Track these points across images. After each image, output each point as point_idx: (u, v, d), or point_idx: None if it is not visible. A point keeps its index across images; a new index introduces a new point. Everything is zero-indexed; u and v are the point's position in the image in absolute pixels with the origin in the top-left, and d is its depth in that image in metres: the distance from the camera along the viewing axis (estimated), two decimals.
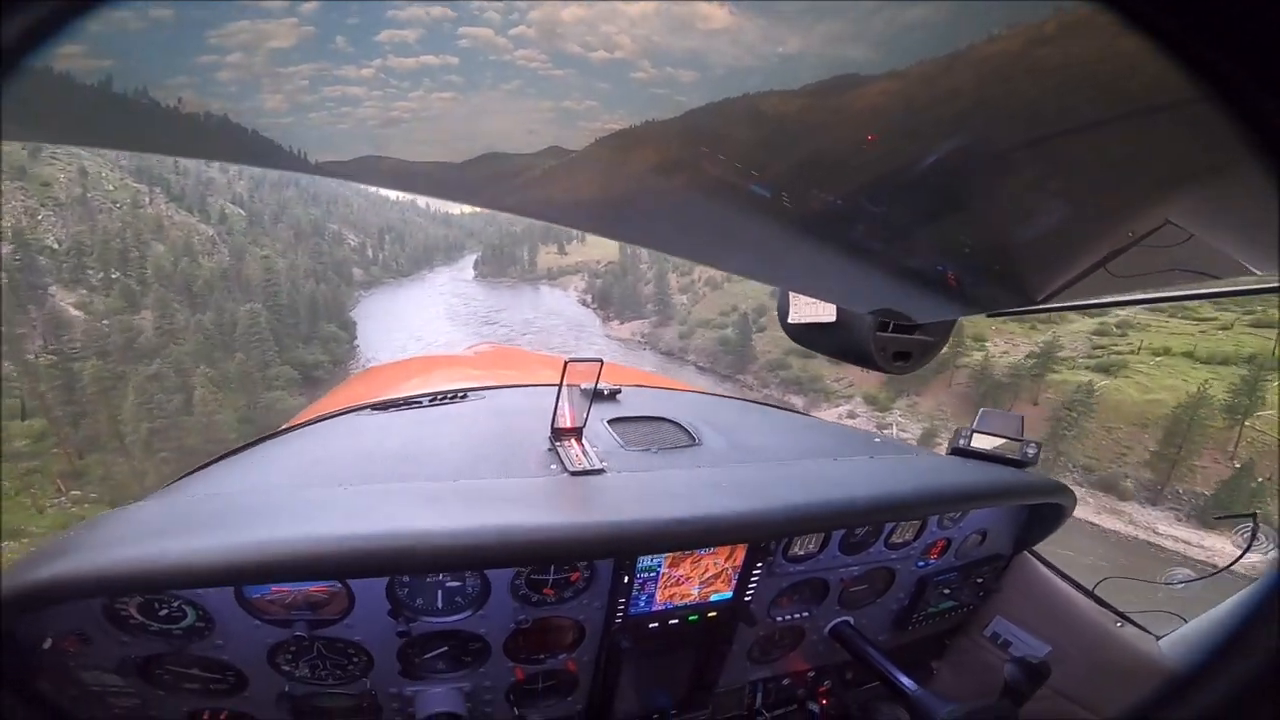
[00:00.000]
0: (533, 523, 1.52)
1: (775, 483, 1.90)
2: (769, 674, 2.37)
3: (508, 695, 1.92)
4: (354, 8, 0.72)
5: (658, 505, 1.67)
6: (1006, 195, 0.81)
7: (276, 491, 1.64)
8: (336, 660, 1.68)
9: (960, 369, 59.25)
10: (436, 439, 2.00)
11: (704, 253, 1.26)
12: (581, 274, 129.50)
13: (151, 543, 1.32)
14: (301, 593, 1.57)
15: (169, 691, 1.59)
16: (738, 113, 0.66)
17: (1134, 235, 0.82)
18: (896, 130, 0.67)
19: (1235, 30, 0.39)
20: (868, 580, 2.32)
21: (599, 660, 1.95)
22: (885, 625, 2.48)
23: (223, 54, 0.80)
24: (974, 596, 2.53)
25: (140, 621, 1.50)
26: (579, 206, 0.85)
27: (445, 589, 1.71)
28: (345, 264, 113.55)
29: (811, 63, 0.59)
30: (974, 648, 2.60)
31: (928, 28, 0.52)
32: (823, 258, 1.06)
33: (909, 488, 1.98)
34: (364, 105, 0.84)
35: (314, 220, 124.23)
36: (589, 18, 0.64)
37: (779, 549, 2.01)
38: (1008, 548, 2.50)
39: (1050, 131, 0.64)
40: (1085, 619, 2.28)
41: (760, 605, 2.10)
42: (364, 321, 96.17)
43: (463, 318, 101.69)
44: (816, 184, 0.78)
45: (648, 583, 1.86)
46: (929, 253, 1.02)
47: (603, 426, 2.13)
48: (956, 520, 2.31)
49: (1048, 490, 2.22)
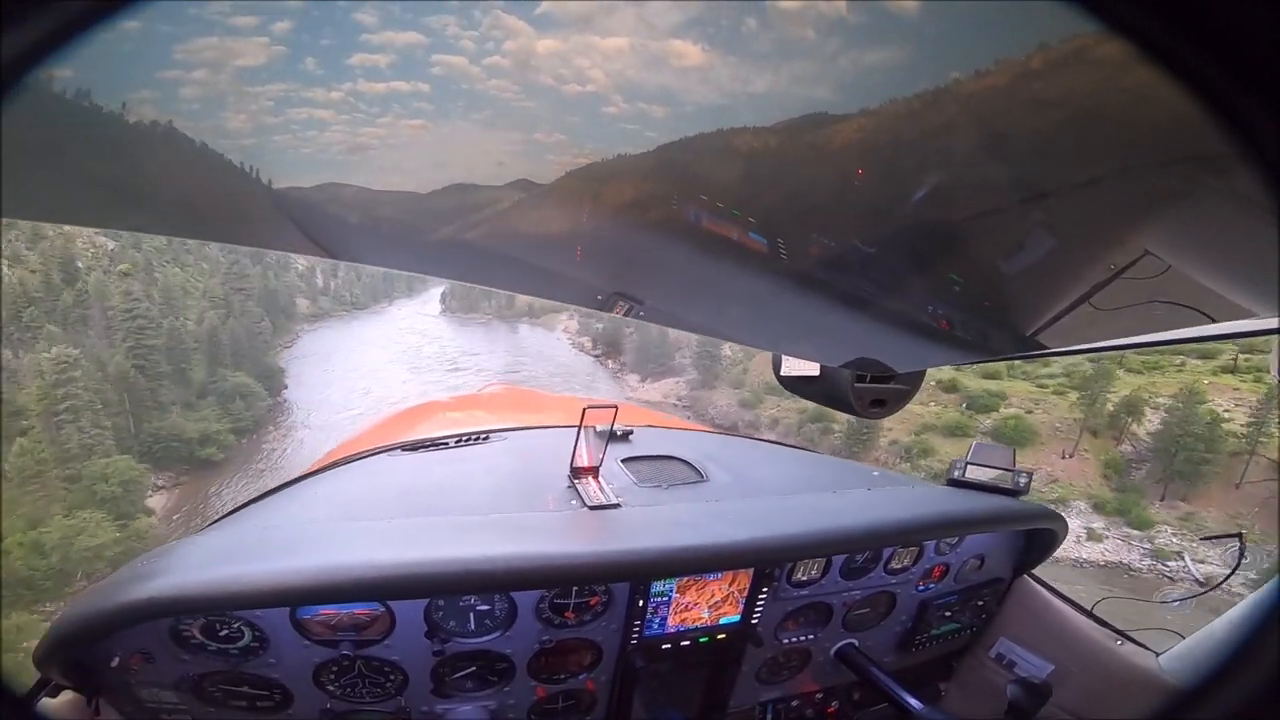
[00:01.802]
0: (558, 550, 1.70)
1: (778, 513, 2.07)
2: (779, 695, 2.46)
3: (529, 714, 2.04)
4: (328, 29, 0.71)
5: (669, 534, 1.83)
6: (987, 233, 0.82)
7: (330, 523, 1.86)
8: (375, 679, 1.81)
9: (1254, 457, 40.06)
10: (466, 477, 2.20)
11: (675, 312, 1.28)
12: (569, 313, 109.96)
13: (221, 568, 1.50)
14: (348, 614, 1.71)
15: (218, 708, 1.71)
16: (711, 148, 0.66)
17: (1114, 268, 0.82)
18: (876, 167, 0.68)
19: (1220, 31, 0.40)
20: (870, 604, 2.40)
21: (615, 680, 2.08)
22: (890, 647, 2.55)
23: (188, 69, 0.78)
24: (976, 619, 2.62)
25: (200, 641, 1.62)
26: (547, 242, 0.84)
27: (476, 612, 1.83)
28: (280, 294, 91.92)
29: (780, 101, 0.60)
30: (980, 668, 2.66)
31: (891, 70, 0.54)
32: (807, 314, 1.07)
33: (903, 515, 2.13)
34: (331, 129, 0.82)
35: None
36: (564, 50, 0.64)
37: (783, 575, 2.12)
38: (1007, 572, 2.59)
39: (1025, 162, 0.66)
40: (1086, 638, 2.35)
41: (767, 628, 2.20)
42: (300, 364, 76.60)
43: (427, 361, 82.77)
44: (796, 224, 0.79)
45: (660, 606, 1.98)
46: (908, 301, 1.04)
47: (617, 465, 2.30)
48: (954, 546, 2.41)
49: (1037, 516, 2.34)
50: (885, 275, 0.93)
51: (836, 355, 1.44)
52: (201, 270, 79.69)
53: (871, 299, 1.00)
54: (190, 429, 51.19)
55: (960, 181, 0.71)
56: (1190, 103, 0.43)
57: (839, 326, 1.17)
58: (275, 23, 0.72)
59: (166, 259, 76.73)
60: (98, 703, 1.60)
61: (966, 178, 0.71)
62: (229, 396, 56.91)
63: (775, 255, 0.85)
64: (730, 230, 0.80)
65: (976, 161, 0.67)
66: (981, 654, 2.64)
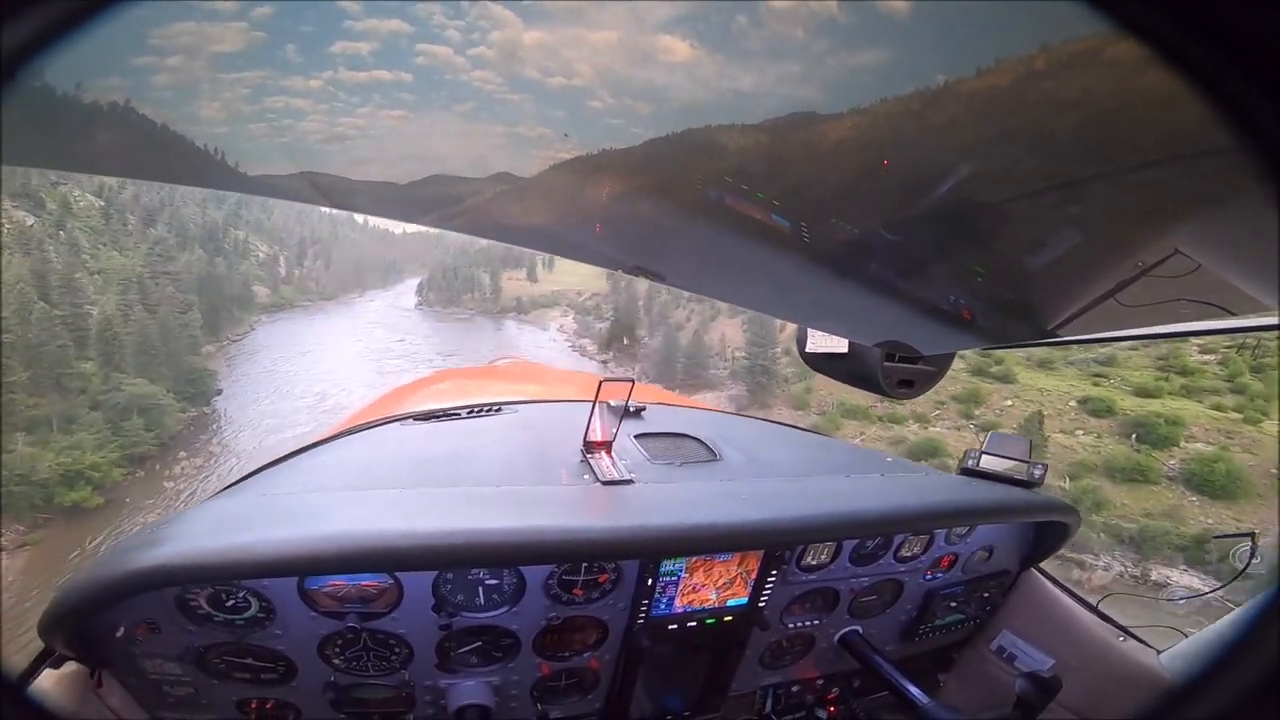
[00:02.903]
0: (570, 525, 1.68)
1: (790, 495, 2.06)
2: (780, 680, 2.45)
3: (532, 690, 2.03)
4: (310, 15, 0.70)
5: (682, 513, 1.82)
6: (1012, 225, 0.82)
7: (340, 491, 1.84)
8: (380, 652, 1.80)
9: None
10: (478, 448, 2.18)
11: (700, 282, 1.27)
12: (562, 307, 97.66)
13: (230, 535, 1.48)
14: (355, 586, 1.69)
15: (222, 680, 1.70)
16: (699, 143, 0.66)
17: (1142, 265, 0.82)
18: (904, 158, 0.68)
19: (1230, 32, 0.40)
20: (877, 591, 2.40)
21: (619, 659, 2.07)
22: (893, 636, 2.55)
23: (163, 56, 0.75)
24: (980, 610, 2.61)
25: (207, 611, 1.61)
26: (540, 227, 0.83)
27: (485, 586, 1.82)
28: (229, 281, 77.31)
29: (765, 102, 0.61)
30: (980, 661, 2.65)
31: (878, 71, 0.55)
32: (834, 293, 1.07)
33: (916, 502, 2.12)
34: (308, 118, 0.80)
35: (210, 223, 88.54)
36: (551, 43, 0.64)
37: (793, 558, 2.12)
38: (1014, 564, 2.59)
39: (1053, 159, 0.66)
40: (1089, 633, 2.34)
41: (774, 612, 2.20)
42: (247, 364, 64.39)
43: (397, 363, 69.26)
44: (813, 217, 0.78)
45: (669, 586, 1.97)
46: (937, 285, 1.03)
47: (630, 441, 2.29)
48: (964, 536, 2.40)
49: (1052, 509, 2.32)
50: (902, 262, 0.93)
51: (864, 334, 1.44)
52: (132, 252, 64.66)
53: (903, 281, 1.00)
54: (48, 464, 34.64)
55: (987, 175, 0.71)
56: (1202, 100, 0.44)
57: (862, 307, 1.17)
58: (256, 8, 0.71)
59: (104, 240, 64.67)
60: (101, 675, 1.58)
61: (986, 174, 0.71)
62: (124, 412, 41.80)
63: (798, 239, 0.85)
64: (732, 210, 0.80)
65: (994, 158, 0.67)
66: (983, 646, 2.64)
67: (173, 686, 1.69)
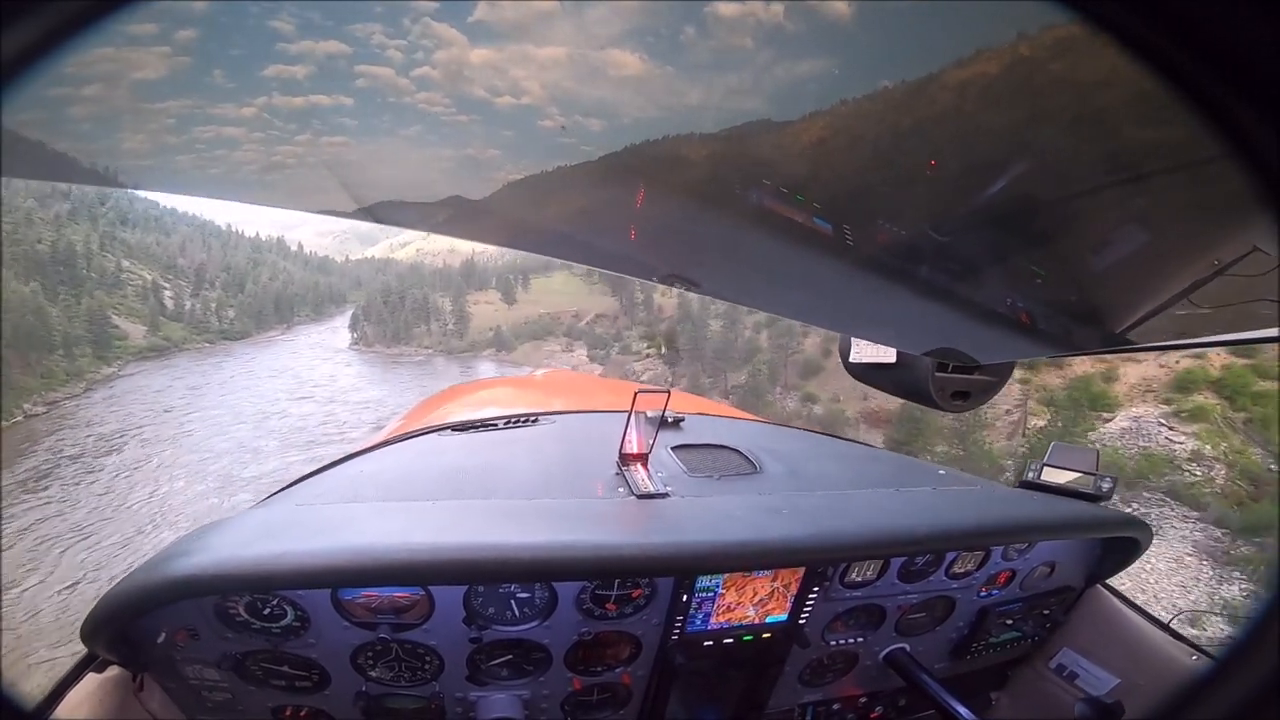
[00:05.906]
0: (603, 540, 1.64)
1: (835, 511, 1.98)
2: (820, 697, 2.34)
3: (563, 705, 1.99)
4: (238, 38, 0.66)
5: (719, 528, 1.77)
6: (1074, 222, 0.78)
7: (375, 503, 1.85)
8: (411, 663, 1.79)
9: None
10: (513, 460, 2.17)
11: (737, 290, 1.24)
12: (559, 337, 74.79)
13: (264, 545, 1.50)
14: (388, 598, 1.69)
15: (258, 686, 1.72)
16: (656, 157, 0.65)
17: (1219, 264, 0.76)
18: (956, 155, 0.66)
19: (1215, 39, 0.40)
20: (926, 609, 2.28)
21: (653, 675, 2.02)
22: (943, 653, 2.43)
23: (78, 85, 0.70)
24: (1039, 628, 2.47)
25: (245, 619, 1.63)
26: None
27: (516, 599, 1.80)
28: (58, 319, 60.40)
29: (714, 115, 0.60)
30: (1037, 679, 2.52)
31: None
32: (878, 298, 1.03)
33: (971, 519, 2.00)
34: (242, 148, 0.76)
35: (70, 246, 73.29)
36: (498, 61, 0.62)
37: (836, 575, 2.03)
38: (1079, 581, 2.46)
39: (1113, 153, 0.63)
40: (1158, 652, 2.22)
41: (815, 629, 2.11)
42: (64, 443, 46.43)
43: (313, 437, 50.17)
44: (858, 218, 0.75)
45: (705, 602, 1.91)
46: (992, 288, 0.98)
47: (667, 453, 2.24)
48: (1023, 551, 2.28)
49: (1119, 524, 2.20)
50: (953, 263, 0.89)
51: (912, 342, 1.38)
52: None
53: (957, 285, 0.95)
54: None
55: (1048, 165, 0.68)
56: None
57: (909, 313, 1.12)
58: (178, 30, 0.67)
59: None
60: (142, 679, 1.61)
61: (1051, 162, 0.68)
62: None
63: (840, 242, 0.82)
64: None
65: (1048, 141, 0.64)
66: (1041, 664, 2.52)
67: (211, 691, 1.71)
